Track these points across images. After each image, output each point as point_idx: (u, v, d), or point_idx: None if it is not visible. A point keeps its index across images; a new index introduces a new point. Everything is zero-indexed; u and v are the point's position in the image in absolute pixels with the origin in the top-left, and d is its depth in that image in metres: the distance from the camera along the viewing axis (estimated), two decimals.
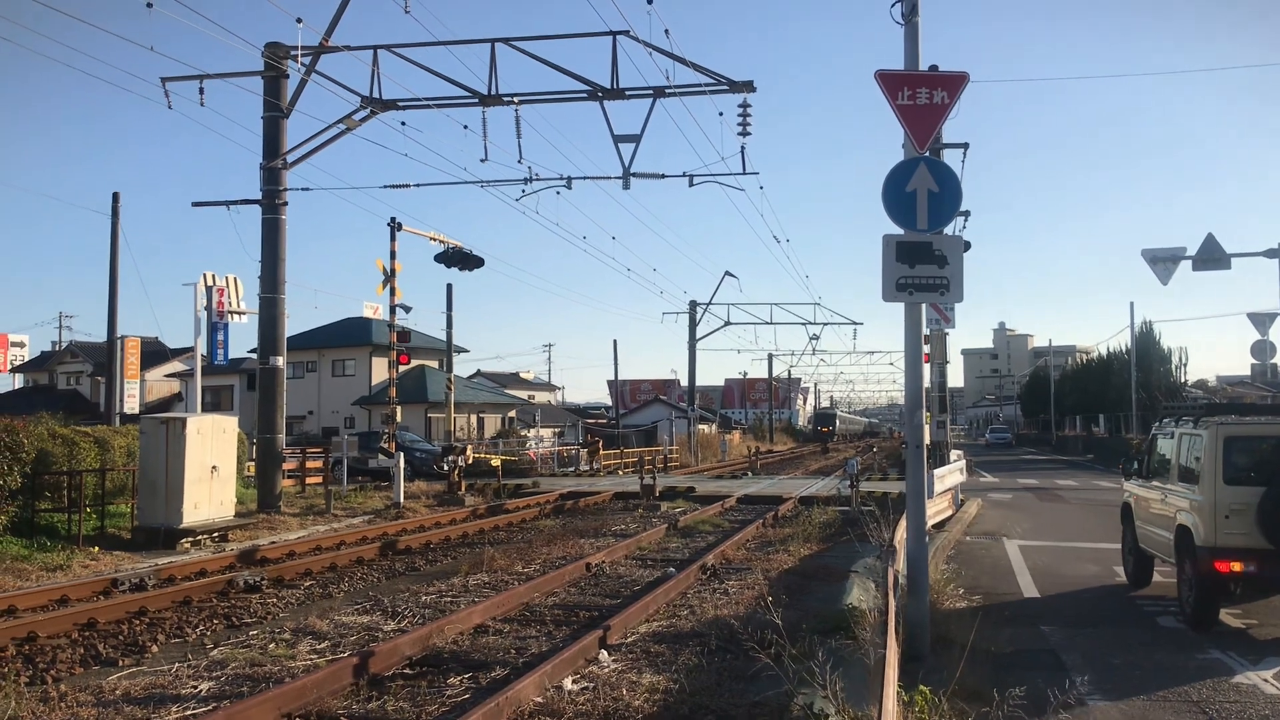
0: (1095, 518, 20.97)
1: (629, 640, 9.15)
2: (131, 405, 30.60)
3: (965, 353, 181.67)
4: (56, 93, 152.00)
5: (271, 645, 9.13)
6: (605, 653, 8.53)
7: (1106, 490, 28.45)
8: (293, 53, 20.88)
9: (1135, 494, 12.91)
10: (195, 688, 7.68)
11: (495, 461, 34.81)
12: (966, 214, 25.55)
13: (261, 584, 12.32)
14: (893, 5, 9.20)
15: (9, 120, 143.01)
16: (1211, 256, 26.51)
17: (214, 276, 27.91)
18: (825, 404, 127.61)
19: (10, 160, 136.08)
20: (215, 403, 53.12)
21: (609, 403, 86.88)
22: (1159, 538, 11.57)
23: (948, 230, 9.02)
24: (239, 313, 28.46)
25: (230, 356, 31.51)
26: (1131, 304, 53.11)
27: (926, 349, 21.43)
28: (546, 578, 12.29)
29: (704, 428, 64.45)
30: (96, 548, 15.36)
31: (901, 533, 11.04)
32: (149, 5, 16.36)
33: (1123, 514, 13.38)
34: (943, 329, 22.86)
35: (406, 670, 8.17)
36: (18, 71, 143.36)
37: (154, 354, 55.46)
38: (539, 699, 7.15)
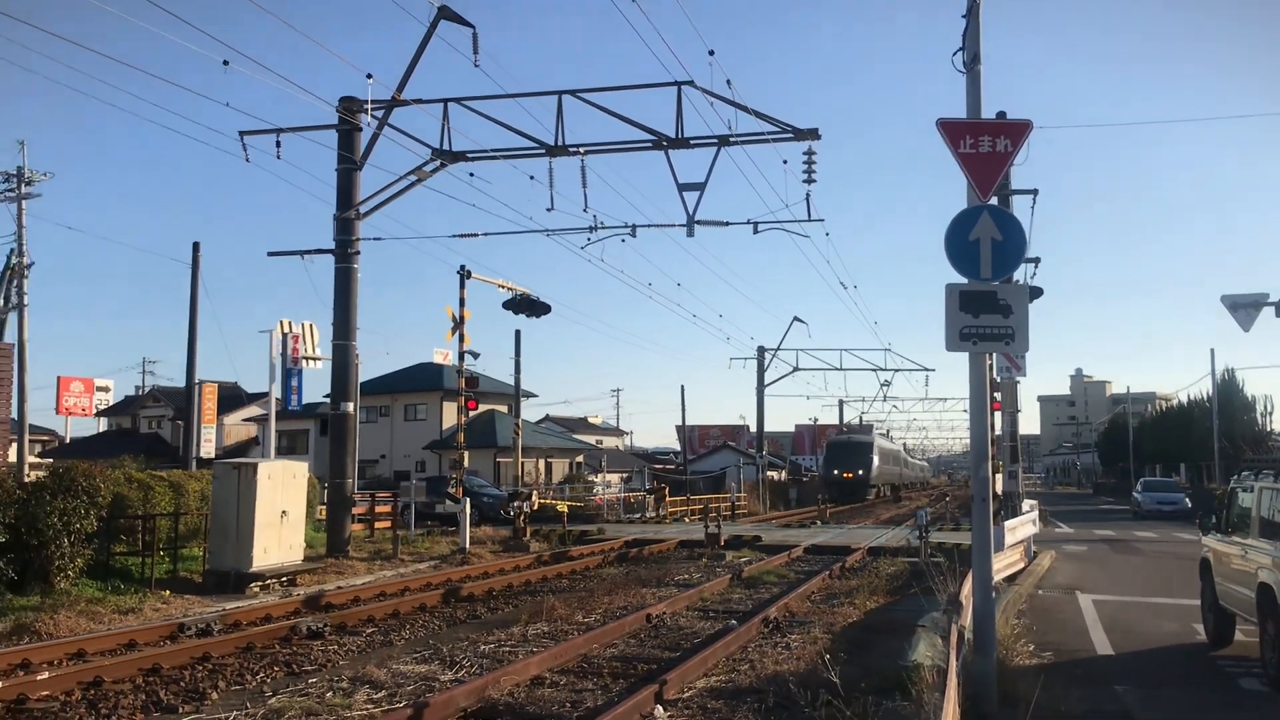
0: (1174, 571, 20.28)
1: (685, 695, 9.02)
2: (208, 449, 31.24)
3: (1041, 399, 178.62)
4: (138, 146, 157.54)
5: (329, 694, 9.17)
6: (660, 708, 8.42)
7: (1187, 543, 27.51)
8: (365, 106, 21.37)
9: (1214, 549, 12.46)
10: None
11: (561, 507, 34.80)
12: (1037, 261, 25.25)
13: (324, 630, 12.42)
14: (954, 54, 9.16)
15: (95, 172, 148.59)
16: None
17: (290, 324, 28.64)
18: (854, 421, 79.76)
19: (96, 211, 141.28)
20: (290, 446, 54.11)
21: (677, 448, 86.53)
22: (1240, 595, 11.13)
23: (1014, 278, 8.89)
24: (313, 359, 29.09)
25: (305, 401, 32.06)
26: (1212, 350, 52.00)
27: (996, 397, 21.12)
28: (606, 628, 12.21)
29: (773, 474, 63.79)
30: (169, 591, 15.63)
31: (968, 587, 10.77)
32: (225, 63, 16.93)
33: (1201, 569, 12.93)
34: (1013, 377, 22.46)
35: None
36: (99, 127, 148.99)
37: (231, 398, 56.78)
38: None
